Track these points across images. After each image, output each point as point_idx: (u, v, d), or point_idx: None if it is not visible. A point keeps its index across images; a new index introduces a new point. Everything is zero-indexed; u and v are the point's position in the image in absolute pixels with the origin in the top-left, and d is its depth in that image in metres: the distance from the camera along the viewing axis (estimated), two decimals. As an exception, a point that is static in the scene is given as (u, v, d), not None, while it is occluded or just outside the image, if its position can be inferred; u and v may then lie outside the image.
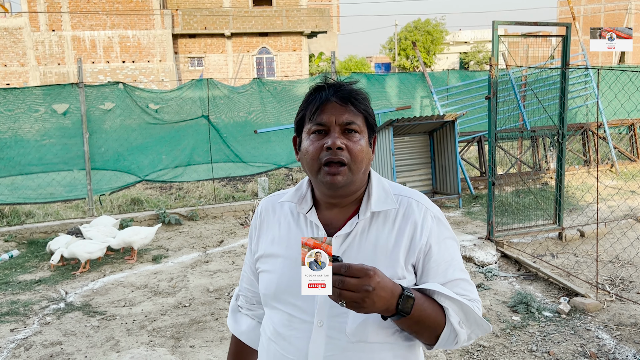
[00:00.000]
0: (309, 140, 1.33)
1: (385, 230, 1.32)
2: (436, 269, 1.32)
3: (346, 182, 1.29)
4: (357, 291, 1.11)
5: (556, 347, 3.84)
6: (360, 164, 1.31)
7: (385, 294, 1.14)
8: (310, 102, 1.35)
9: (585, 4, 46.10)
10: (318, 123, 1.31)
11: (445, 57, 54.76)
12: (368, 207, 1.33)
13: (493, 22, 5.52)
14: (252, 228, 1.51)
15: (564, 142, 5.97)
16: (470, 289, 1.34)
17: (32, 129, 7.67)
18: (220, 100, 8.67)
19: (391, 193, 1.37)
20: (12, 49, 27.49)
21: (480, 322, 1.29)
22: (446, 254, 1.34)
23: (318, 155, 1.29)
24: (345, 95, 1.32)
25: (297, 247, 1.29)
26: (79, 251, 5.68)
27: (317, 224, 1.35)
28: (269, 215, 1.46)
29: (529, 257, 5.59)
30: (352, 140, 1.30)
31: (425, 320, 1.22)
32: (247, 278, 1.56)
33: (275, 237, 1.41)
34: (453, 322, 1.25)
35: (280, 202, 1.45)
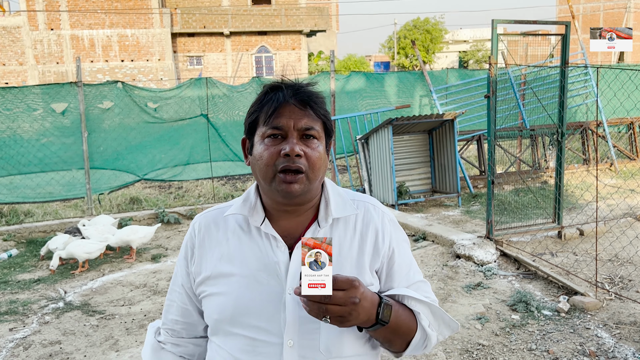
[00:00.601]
0: (263, 144, 1.22)
1: (348, 237, 1.26)
2: (399, 272, 1.29)
3: (303, 191, 1.21)
4: (345, 304, 1.05)
5: (555, 346, 3.84)
6: (318, 171, 1.22)
7: (368, 305, 1.10)
8: (265, 103, 1.24)
9: (585, 2, 46.11)
10: (275, 127, 1.20)
11: (444, 56, 54.74)
12: (328, 214, 1.26)
13: (492, 20, 5.51)
14: (187, 249, 1.33)
15: (563, 140, 5.97)
16: (428, 289, 1.33)
17: (30, 128, 7.66)
18: (219, 99, 8.67)
19: (347, 198, 1.31)
20: (10, 48, 27.45)
21: (448, 321, 1.28)
22: (406, 257, 1.32)
23: (274, 161, 1.19)
24: (304, 98, 1.23)
25: (254, 264, 1.22)
26: (77, 251, 5.67)
27: (275, 235, 1.24)
28: (210, 232, 1.31)
29: (528, 255, 5.59)
30: (311, 146, 1.21)
31: (400, 327, 1.19)
32: (179, 307, 1.36)
33: (224, 254, 1.27)
34: (425, 325, 1.23)
35: (222, 214, 1.31)
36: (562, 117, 5.89)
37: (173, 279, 1.39)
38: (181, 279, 1.35)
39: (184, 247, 1.35)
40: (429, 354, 3.75)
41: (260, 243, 1.25)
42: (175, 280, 1.38)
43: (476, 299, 4.68)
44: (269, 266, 1.22)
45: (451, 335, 4.02)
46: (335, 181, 8.95)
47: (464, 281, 5.09)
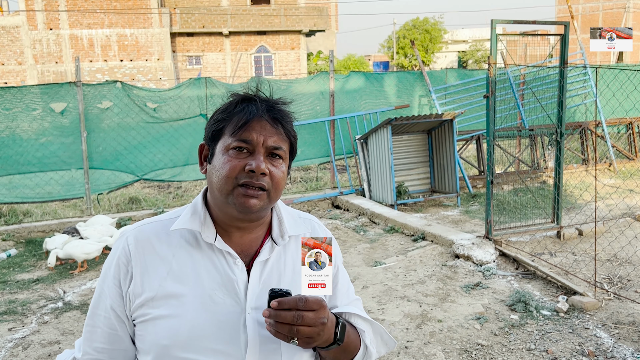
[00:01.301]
0: (226, 155, 1.15)
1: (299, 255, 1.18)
2: (342, 290, 1.30)
3: (261, 208, 1.16)
4: (314, 325, 1.04)
5: (554, 346, 3.84)
6: (279, 192, 1.19)
7: (330, 324, 1.09)
8: (235, 113, 1.17)
9: (584, 2, 46.14)
10: (243, 140, 1.14)
11: (443, 56, 54.76)
12: (283, 231, 1.24)
13: (491, 20, 5.51)
14: (119, 267, 1.19)
15: (562, 140, 5.97)
16: (362, 307, 1.33)
17: (29, 127, 7.65)
18: (218, 99, 8.66)
19: (297, 217, 1.30)
20: (9, 48, 27.42)
21: (386, 340, 1.30)
22: (345, 275, 1.33)
23: (235, 174, 1.13)
24: (277, 115, 1.19)
25: (208, 282, 1.15)
26: (75, 252, 5.66)
27: (230, 252, 1.18)
28: (150, 248, 1.18)
29: (527, 255, 5.59)
30: (276, 165, 1.18)
31: (349, 345, 1.18)
32: (105, 334, 1.20)
33: (170, 272, 1.16)
34: (367, 342, 1.23)
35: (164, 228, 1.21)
36: (561, 117, 5.90)
37: (95, 302, 1.23)
38: (110, 301, 1.19)
39: (114, 266, 1.20)
40: (428, 354, 3.75)
41: (215, 260, 1.17)
42: (98, 304, 1.22)
43: (475, 299, 4.68)
44: (226, 284, 1.15)
45: (450, 335, 4.02)
46: (334, 181, 8.95)
47: (463, 281, 5.10)
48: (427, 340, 3.96)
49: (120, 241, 1.22)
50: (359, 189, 8.66)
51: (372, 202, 7.97)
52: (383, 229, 6.96)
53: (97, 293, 1.23)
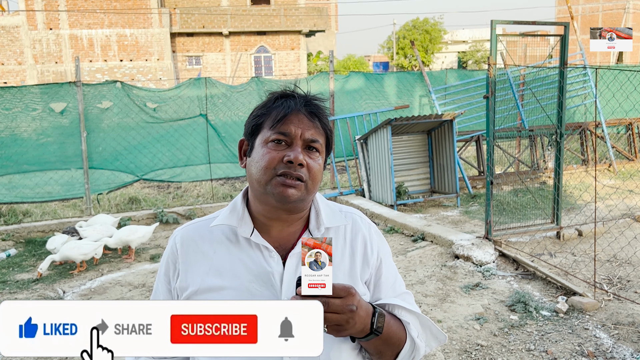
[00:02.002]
0: (265, 148, 1.20)
1: (339, 248, 1.25)
2: (386, 283, 1.29)
3: (299, 199, 1.19)
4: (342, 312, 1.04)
5: (554, 346, 3.84)
6: (316, 184, 1.22)
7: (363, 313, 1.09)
8: (274, 108, 1.22)
9: (584, 3, 46.17)
10: (281, 132, 1.19)
11: (443, 56, 54.78)
12: (320, 223, 1.25)
13: (491, 21, 5.51)
14: (168, 264, 1.28)
15: (562, 141, 5.97)
16: (412, 300, 1.33)
17: (29, 127, 7.65)
18: (218, 99, 8.66)
19: (336, 210, 1.31)
20: (9, 48, 27.42)
21: (436, 333, 1.28)
22: (392, 269, 1.33)
23: (274, 165, 1.18)
24: (314, 110, 1.23)
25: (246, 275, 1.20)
26: (72, 254, 5.62)
27: (266, 245, 1.22)
28: (194, 245, 1.26)
29: (527, 256, 5.60)
30: (313, 158, 1.21)
31: (392, 337, 1.18)
32: None
33: (211, 267, 1.23)
34: (414, 336, 1.22)
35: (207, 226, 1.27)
36: (561, 117, 5.90)
37: (152, 297, 1.33)
38: (162, 297, 1.29)
39: (165, 264, 1.29)
40: (427, 354, 3.75)
41: (251, 254, 1.22)
42: (155, 298, 1.32)
43: (475, 299, 4.68)
44: (262, 276, 1.20)
45: (450, 335, 4.02)
46: (334, 181, 8.95)
47: (463, 281, 5.10)
48: (426, 341, 3.95)
49: (170, 241, 1.30)
50: (358, 190, 8.66)
51: (371, 203, 7.98)
52: (383, 229, 6.96)
53: (154, 289, 1.33)
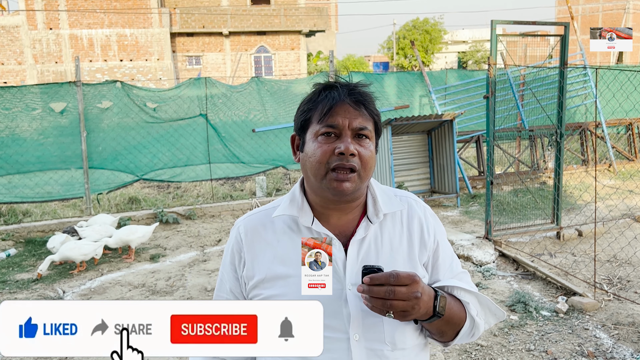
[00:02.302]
0: (316, 142, 1.24)
1: (397, 232, 1.29)
2: (444, 265, 1.33)
3: (354, 190, 1.23)
4: (407, 299, 1.08)
5: (554, 346, 3.84)
6: (369, 171, 1.25)
7: (427, 298, 1.13)
8: (319, 102, 1.25)
9: (584, 3, 46.17)
10: (329, 125, 1.22)
11: (443, 57, 54.78)
12: (378, 210, 1.29)
13: (491, 21, 5.51)
14: (234, 254, 1.34)
15: (562, 141, 5.97)
16: (469, 280, 1.36)
17: (29, 127, 7.64)
18: (218, 99, 8.66)
19: (392, 194, 1.34)
20: (9, 47, 27.41)
21: (494, 310, 1.31)
22: (448, 250, 1.36)
23: (327, 159, 1.21)
24: (359, 97, 1.25)
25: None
26: (72, 254, 5.61)
27: (327, 233, 1.26)
28: (258, 235, 1.31)
29: (527, 256, 5.59)
30: (364, 146, 1.24)
31: (453, 317, 1.22)
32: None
33: (276, 256, 1.28)
34: (473, 314, 1.26)
35: (268, 216, 1.33)
36: (561, 117, 5.90)
37: (218, 285, 1.39)
38: (229, 284, 1.35)
39: (230, 253, 1.35)
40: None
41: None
42: (221, 287, 1.38)
43: (475, 300, 4.68)
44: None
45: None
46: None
47: (463, 281, 5.09)
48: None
49: (233, 231, 1.35)
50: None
51: (371, 203, 7.96)
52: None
53: (219, 278, 1.39)
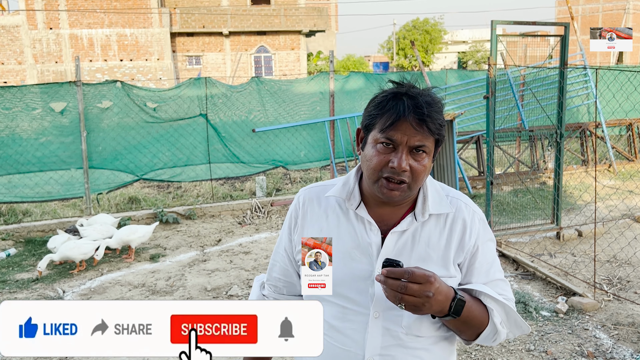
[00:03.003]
0: (374, 149, 1.31)
1: (437, 230, 1.36)
2: (480, 269, 1.38)
3: (403, 198, 1.33)
4: (418, 296, 1.16)
5: (554, 347, 3.84)
6: (420, 182, 1.32)
7: (442, 298, 1.21)
8: (386, 111, 1.31)
9: (584, 3, 46.16)
10: (389, 138, 1.29)
11: (443, 57, 54.78)
12: (425, 209, 1.36)
13: (492, 21, 5.51)
14: (291, 219, 1.49)
15: (562, 141, 5.97)
16: (507, 288, 1.41)
17: (29, 127, 7.64)
18: (218, 99, 8.65)
19: (443, 195, 1.40)
20: (9, 47, 27.41)
21: (520, 324, 1.37)
22: (489, 255, 1.40)
23: (380, 168, 1.30)
24: (422, 115, 1.28)
25: (349, 242, 1.36)
26: (72, 253, 5.61)
27: (370, 220, 1.36)
28: (313, 207, 1.44)
29: (526, 256, 5.60)
30: (418, 160, 1.30)
31: (472, 320, 1.29)
32: (281, 268, 1.53)
33: (323, 228, 1.40)
34: (496, 322, 1.32)
35: (324, 192, 1.44)
36: (561, 118, 5.90)
37: (277, 243, 1.54)
38: (284, 244, 1.50)
39: (289, 217, 1.49)
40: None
41: (355, 225, 1.37)
42: (279, 245, 1.53)
43: (475, 300, 4.68)
44: (362, 246, 1.35)
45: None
46: (334, 181, 8.93)
47: (463, 282, 5.09)
48: (426, 341, 3.95)
49: (296, 198, 1.49)
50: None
51: (371, 203, 7.96)
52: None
53: (279, 237, 1.54)
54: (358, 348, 1.32)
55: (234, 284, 5.28)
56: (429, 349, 1.36)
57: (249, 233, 7.12)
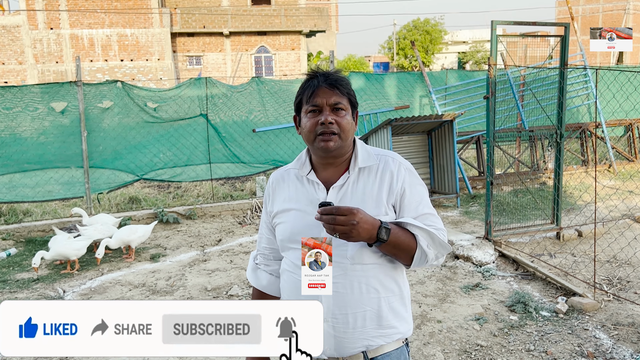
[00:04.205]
0: (306, 117, 1.70)
1: (370, 181, 1.71)
2: (409, 206, 1.72)
3: (337, 147, 1.68)
4: (345, 225, 1.48)
5: (554, 347, 3.84)
6: (347, 132, 1.69)
7: (367, 226, 1.52)
8: (306, 88, 1.72)
9: (584, 4, 46.14)
10: (313, 104, 1.68)
11: (443, 57, 54.77)
12: (356, 164, 1.73)
13: (492, 22, 5.52)
14: (266, 196, 1.87)
15: (562, 142, 5.97)
16: (436, 221, 1.73)
17: (30, 127, 7.65)
18: (218, 99, 8.66)
19: (372, 153, 1.77)
20: (10, 47, 27.41)
21: (443, 244, 1.69)
22: (417, 196, 1.74)
23: (314, 129, 1.68)
24: (332, 82, 1.69)
25: (304, 201, 1.72)
26: (65, 251, 5.59)
27: (317, 181, 1.73)
28: (279, 183, 1.82)
29: (526, 256, 5.60)
30: (340, 115, 1.69)
31: (400, 244, 1.62)
32: (266, 238, 1.91)
33: (286, 197, 1.78)
34: (422, 245, 1.64)
35: (286, 170, 1.83)
36: (561, 118, 5.90)
37: (261, 221, 1.94)
38: (265, 217, 1.89)
39: (265, 196, 1.89)
40: (427, 354, 3.75)
41: (308, 187, 1.75)
42: (262, 221, 1.93)
43: (474, 300, 4.68)
44: (314, 202, 1.71)
45: (450, 336, 4.02)
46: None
47: (463, 282, 5.10)
48: (426, 341, 3.96)
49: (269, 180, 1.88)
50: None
51: (371, 203, 7.95)
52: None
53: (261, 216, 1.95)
54: None
55: (234, 283, 5.28)
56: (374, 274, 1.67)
57: (249, 233, 7.13)
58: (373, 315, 1.66)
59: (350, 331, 1.63)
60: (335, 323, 1.62)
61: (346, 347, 1.64)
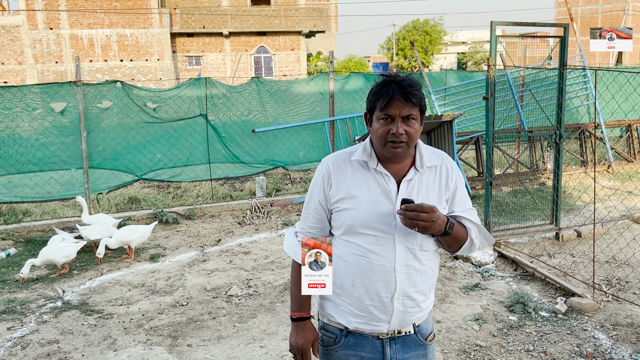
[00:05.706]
0: (379, 123, 1.84)
1: (431, 178, 1.93)
2: (459, 201, 1.97)
3: (404, 154, 1.86)
4: (427, 221, 1.71)
5: (553, 347, 3.85)
6: (414, 140, 1.85)
7: (440, 222, 1.76)
8: (380, 96, 1.84)
9: (583, 5, 46.17)
10: (386, 114, 1.82)
11: (443, 58, 54.80)
12: (423, 163, 1.91)
13: (491, 22, 5.52)
14: (322, 178, 1.96)
15: (561, 142, 5.98)
16: (475, 214, 1.98)
17: (29, 127, 7.64)
18: (218, 99, 8.65)
19: (431, 153, 1.96)
20: (9, 47, 27.41)
21: (487, 236, 1.96)
22: (464, 193, 2.00)
23: (385, 136, 1.83)
24: (407, 94, 1.80)
25: (375, 190, 1.87)
26: (54, 256, 5.57)
27: (387, 174, 1.88)
28: (340, 169, 1.92)
29: (526, 257, 5.60)
30: (410, 125, 1.83)
31: (457, 236, 1.87)
32: (315, 218, 1.99)
33: (352, 183, 1.89)
34: (472, 236, 1.91)
35: (343, 156, 1.95)
36: (560, 119, 5.90)
37: (307, 199, 2.02)
38: (318, 197, 1.97)
39: (321, 179, 1.96)
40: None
41: (377, 177, 1.89)
42: (310, 200, 2.00)
43: (474, 300, 4.69)
44: (384, 192, 1.87)
45: (449, 336, 4.03)
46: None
47: (462, 282, 5.10)
48: (425, 341, 3.96)
49: (323, 164, 1.98)
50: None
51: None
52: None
53: (308, 195, 2.02)
54: (389, 262, 1.85)
55: (234, 284, 5.28)
56: (430, 258, 1.95)
57: (249, 233, 7.13)
58: (426, 292, 1.96)
59: (414, 307, 1.90)
60: (405, 300, 1.87)
61: (407, 320, 1.91)
